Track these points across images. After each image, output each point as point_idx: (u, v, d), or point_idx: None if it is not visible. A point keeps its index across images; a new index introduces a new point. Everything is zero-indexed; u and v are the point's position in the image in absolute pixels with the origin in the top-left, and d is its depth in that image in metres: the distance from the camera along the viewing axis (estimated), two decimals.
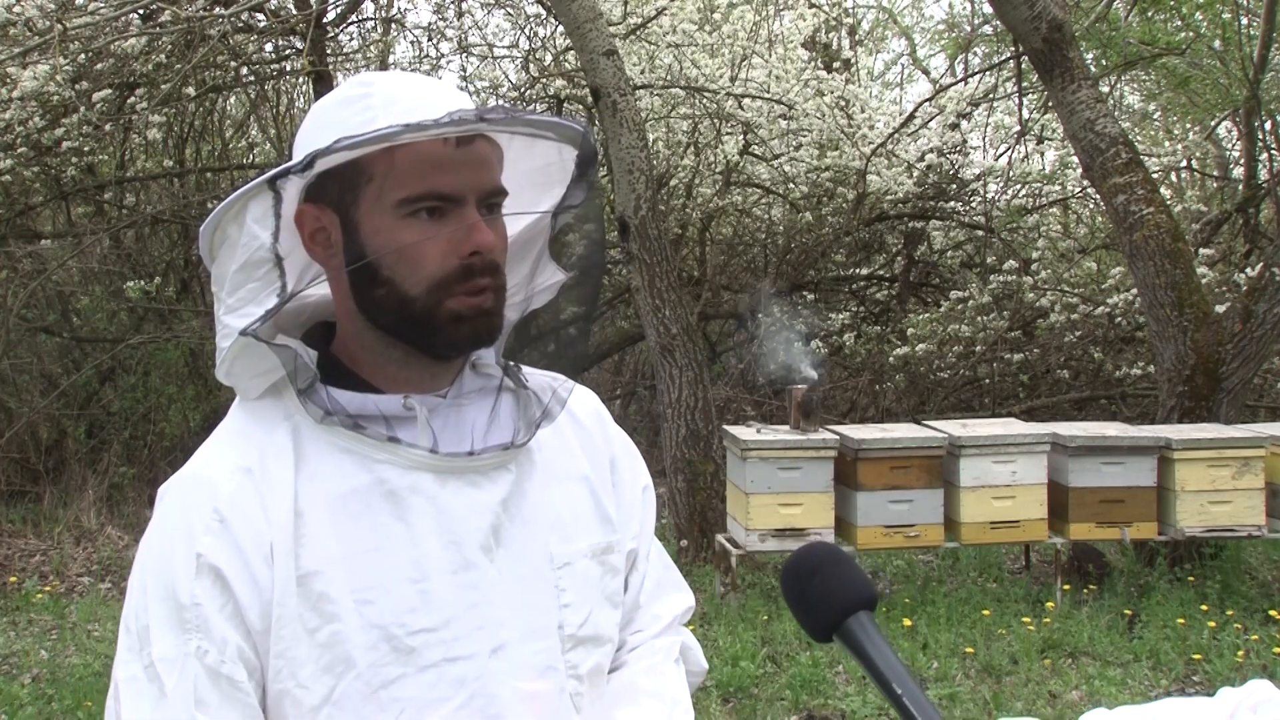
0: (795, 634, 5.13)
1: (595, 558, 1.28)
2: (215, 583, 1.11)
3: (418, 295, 1.16)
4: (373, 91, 1.18)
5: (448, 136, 1.14)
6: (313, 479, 1.16)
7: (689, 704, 1.35)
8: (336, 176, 1.16)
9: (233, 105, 10.98)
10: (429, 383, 1.23)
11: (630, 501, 1.36)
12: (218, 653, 1.11)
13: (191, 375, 9.16)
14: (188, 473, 1.19)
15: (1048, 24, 6.22)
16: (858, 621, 1.01)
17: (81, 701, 4.60)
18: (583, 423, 1.35)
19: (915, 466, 5.47)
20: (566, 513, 1.28)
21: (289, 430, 1.18)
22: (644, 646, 1.37)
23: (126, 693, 1.12)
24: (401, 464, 1.17)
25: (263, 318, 1.15)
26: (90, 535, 7.23)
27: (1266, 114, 9.44)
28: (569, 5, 6.59)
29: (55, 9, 6.81)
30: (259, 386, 1.22)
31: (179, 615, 1.11)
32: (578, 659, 1.24)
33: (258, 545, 1.12)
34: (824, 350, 9.49)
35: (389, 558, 1.15)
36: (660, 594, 1.41)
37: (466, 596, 1.17)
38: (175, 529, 1.16)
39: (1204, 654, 4.89)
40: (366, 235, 1.16)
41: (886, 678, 0.98)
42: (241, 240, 1.15)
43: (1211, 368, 6.11)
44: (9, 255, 8.14)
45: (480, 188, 1.17)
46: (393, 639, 1.13)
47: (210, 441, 1.23)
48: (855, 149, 9.62)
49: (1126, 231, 6.27)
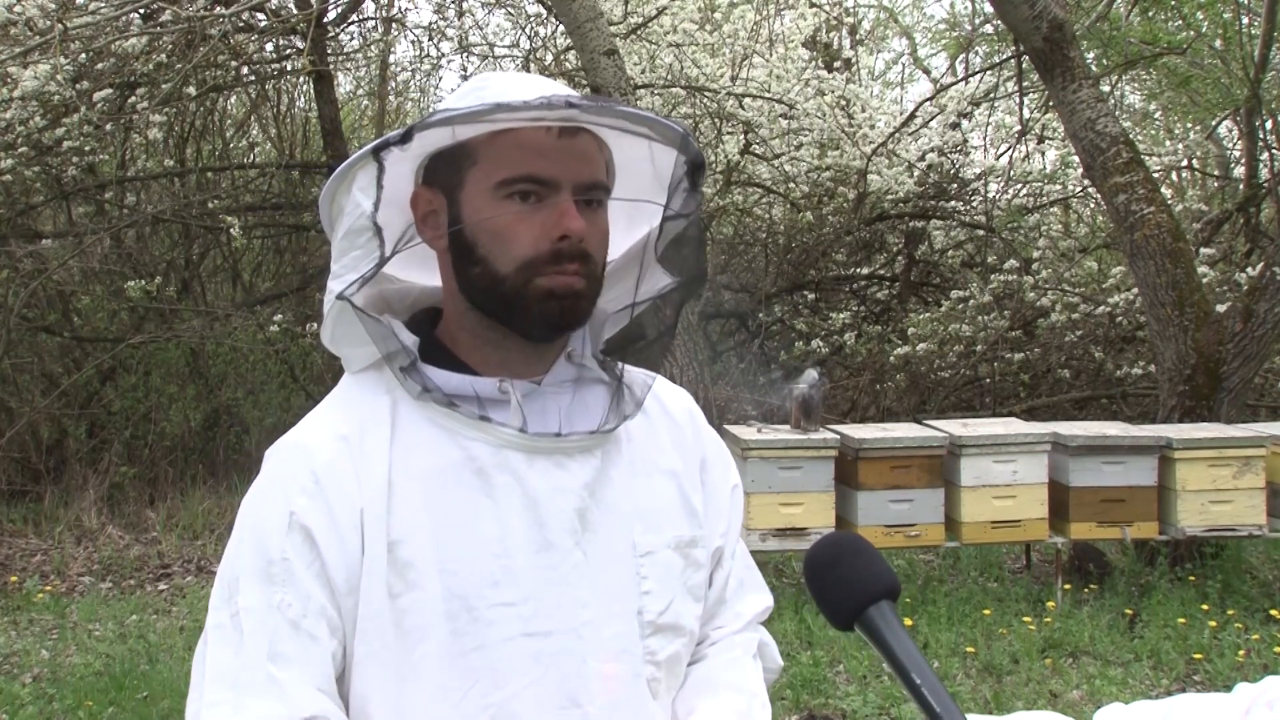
0: (796, 634, 5.13)
1: (678, 550, 1.31)
2: (305, 541, 1.16)
3: (508, 274, 1.20)
4: (489, 84, 1.24)
5: (541, 121, 1.19)
6: (407, 451, 1.21)
7: (766, 698, 1.38)
8: (447, 159, 1.23)
9: (233, 105, 10.98)
10: (524, 368, 1.27)
11: (719, 500, 1.40)
12: (301, 607, 1.15)
13: (192, 375, 9.16)
14: (291, 438, 1.24)
15: (1049, 23, 6.22)
16: (879, 611, 1.02)
17: (82, 701, 4.60)
18: (676, 419, 1.39)
19: (916, 466, 5.47)
20: (652, 503, 1.31)
21: (389, 404, 1.23)
22: (724, 641, 1.40)
23: (214, 638, 1.17)
24: (492, 442, 1.22)
25: (359, 281, 1.20)
26: (91, 535, 7.23)
27: (1267, 113, 9.44)
28: (569, 5, 6.59)
29: (56, 9, 6.80)
30: (363, 358, 1.27)
31: (267, 569, 1.16)
32: (655, 645, 1.27)
33: (349, 510, 1.17)
34: (824, 350, 9.50)
35: (474, 532, 1.19)
36: (743, 593, 1.45)
37: (547, 575, 1.21)
38: (273, 489, 1.20)
39: (1205, 653, 4.89)
40: (466, 215, 1.22)
41: (907, 668, 0.99)
42: (348, 208, 1.21)
43: (1212, 367, 6.10)
44: (10, 255, 8.14)
45: (578, 177, 1.21)
46: (472, 610, 1.17)
47: (317, 409, 1.28)
48: (856, 148, 9.62)
49: (1127, 231, 6.27)
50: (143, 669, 4.96)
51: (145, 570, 6.67)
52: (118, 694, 4.69)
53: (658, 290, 1.33)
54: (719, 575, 1.40)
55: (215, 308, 9.29)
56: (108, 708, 4.58)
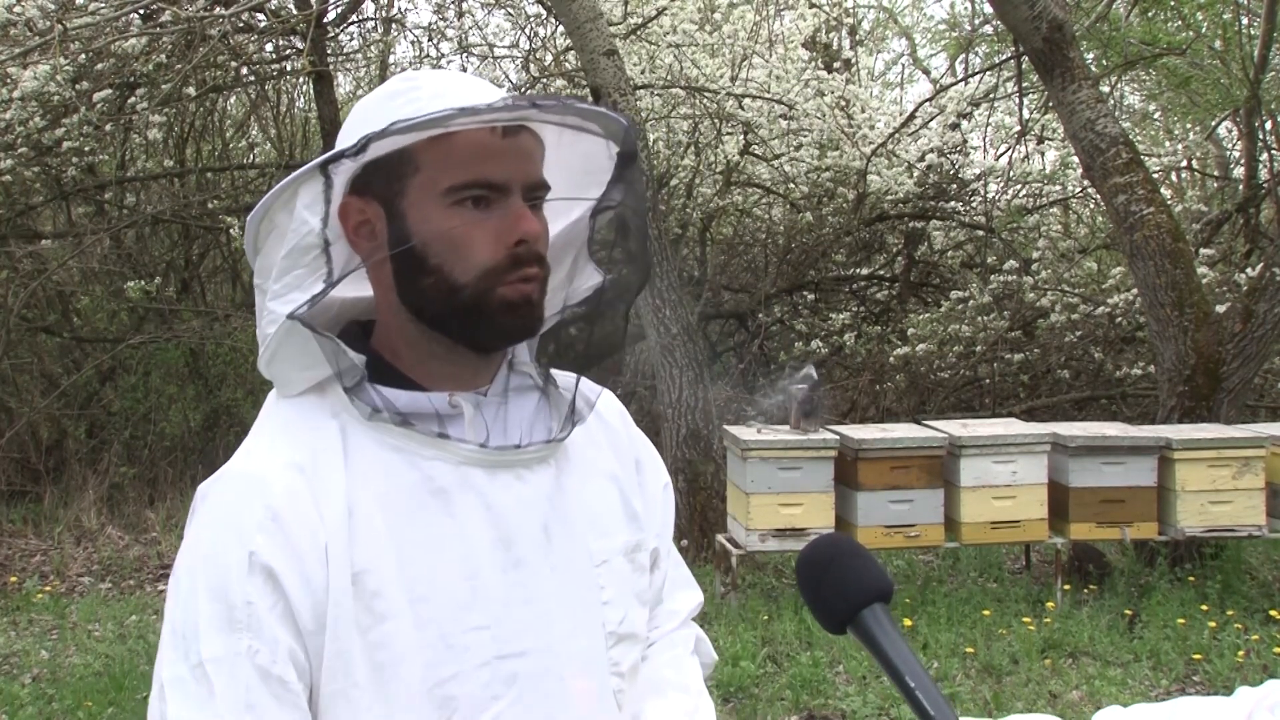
0: (795, 634, 5.13)
1: (627, 555, 1.29)
2: (267, 582, 1.09)
3: (467, 283, 1.16)
4: (420, 85, 1.19)
5: (497, 124, 1.15)
6: (362, 477, 1.15)
7: (708, 694, 1.37)
8: (382, 168, 1.16)
9: (233, 105, 10.99)
10: (471, 379, 1.23)
11: (653, 500, 1.38)
12: (269, 653, 1.09)
13: (192, 375, 9.17)
14: (235, 470, 1.16)
15: (1048, 24, 6.22)
16: (872, 614, 1.01)
17: (81, 701, 4.60)
18: (609, 422, 1.36)
19: (915, 466, 5.47)
20: (601, 510, 1.28)
21: (337, 427, 1.17)
22: (664, 640, 1.39)
23: (173, 694, 1.10)
24: (450, 460, 1.17)
25: (309, 302, 1.13)
26: (90, 535, 7.23)
27: (1267, 114, 9.44)
28: (569, 5, 6.59)
29: (55, 9, 6.81)
30: (302, 381, 1.20)
31: (229, 615, 1.09)
32: (619, 655, 1.25)
33: (311, 544, 1.11)
34: (823, 350, 9.50)
35: (441, 555, 1.15)
36: (675, 590, 1.43)
37: (517, 593, 1.17)
38: (225, 527, 1.12)
39: (1204, 654, 4.89)
40: (414, 224, 1.16)
41: (900, 671, 0.98)
42: (291, 226, 1.14)
43: (1212, 368, 6.11)
44: (9, 255, 8.14)
45: (526, 179, 1.18)
46: (446, 636, 1.13)
47: (254, 438, 1.20)
48: (855, 149, 9.63)
49: (1127, 231, 6.27)
50: (142, 669, 4.95)
51: (145, 570, 6.67)
52: (117, 694, 4.69)
53: (590, 288, 1.29)
54: (656, 576, 1.38)
55: (215, 308, 9.30)
56: (107, 708, 4.58)
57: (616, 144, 1.26)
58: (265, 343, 1.18)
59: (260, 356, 1.20)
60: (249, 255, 1.20)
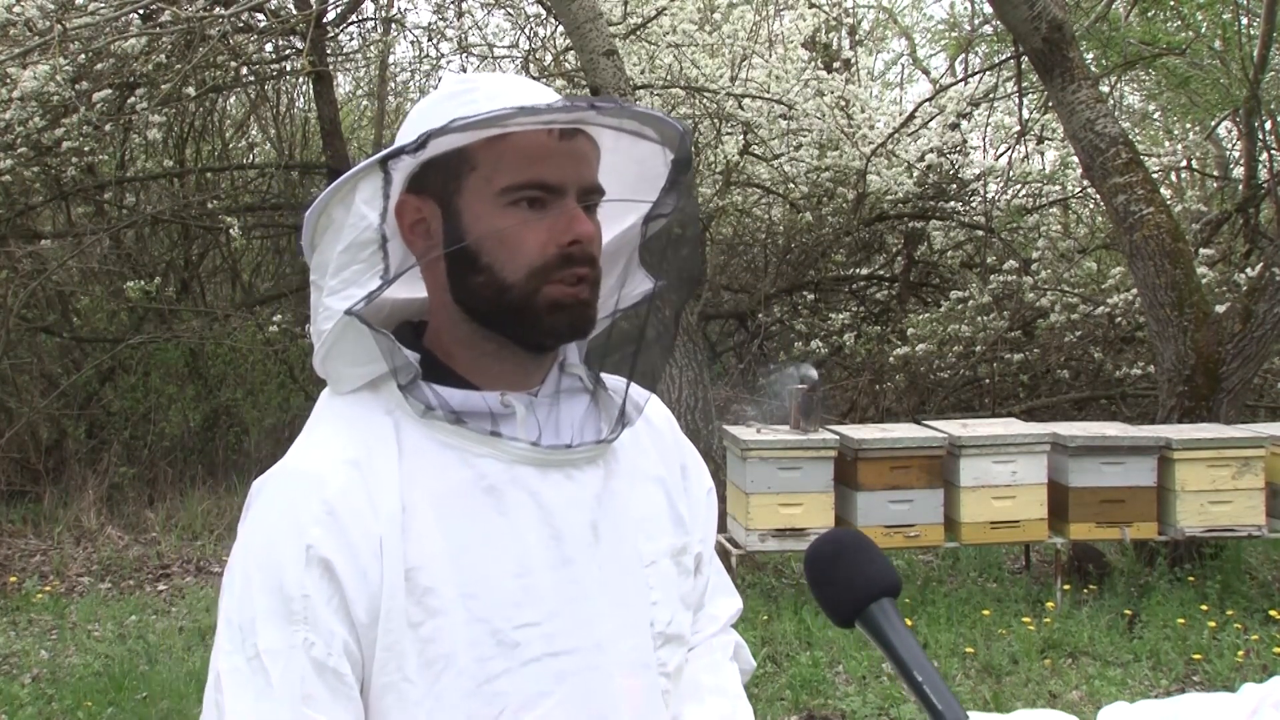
0: (795, 634, 5.13)
1: (673, 558, 1.30)
2: (324, 575, 1.11)
3: (516, 282, 1.17)
4: (478, 87, 1.20)
5: (554, 125, 1.16)
6: (415, 473, 1.16)
7: (746, 700, 1.38)
8: (439, 167, 1.17)
9: (233, 105, 10.99)
10: (523, 379, 1.24)
11: (698, 505, 1.39)
12: (325, 645, 1.10)
13: (191, 375, 9.16)
14: (290, 466, 1.18)
15: (1048, 24, 6.22)
16: (880, 608, 1.01)
17: (81, 701, 4.60)
18: (657, 426, 1.37)
19: (915, 466, 5.47)
20: (648, 512, 1.29)
21: (391, 424, 1.18)
22: (703, 645, 1.40)
23: (230, 683, 1.11)
24: (503, 458, 1.18)
25: (367, 298, 1.14)
26: (90, 535, 7.23)
27: (1266, 114, 9.44)
28: (569, 5, 6.59)
29: (55, 9, 6.81)
30: (357, 378, 1.21)
31: (286, 607, 1.10)
32: (666, 656, 1.26)
33: (367, 539, 1.12)
34: (823, 350, 9.50)
35: (492, 552, 1.16)
36: (716, 596, 1.44)
37: (567, 591, 1.18)
38: (281, 521, 1.14)
39: (1204, 654, 4.89)
40: (468, 222, 1.17)
41: (908, 665, 0.98)
42: (349, 221, 1.15)
43: (1211, 368, 6.11)
44: (9, 255, 8.14)
45: (581, 181, 1.19)
46: (497, 633, 1.14)
47: (309, 434, 1.22)
48: (855, 149, 9.62)
49: (1126, 231, 6.27)
50: (142, 669, 4.96)
51: (144, 571, 6.67)
52: (117, 694, 4.69)
53: (641, 294, 1.30)
54: (699, 580, 1.39)
55: (214, 308, 9.30)
56: (107, 708, 4.58)
57: (672, 150, 1.26)
58: (320, 339, 1.19)
59: (315, 353, 1.21)
60: (305, 252, 1.21)
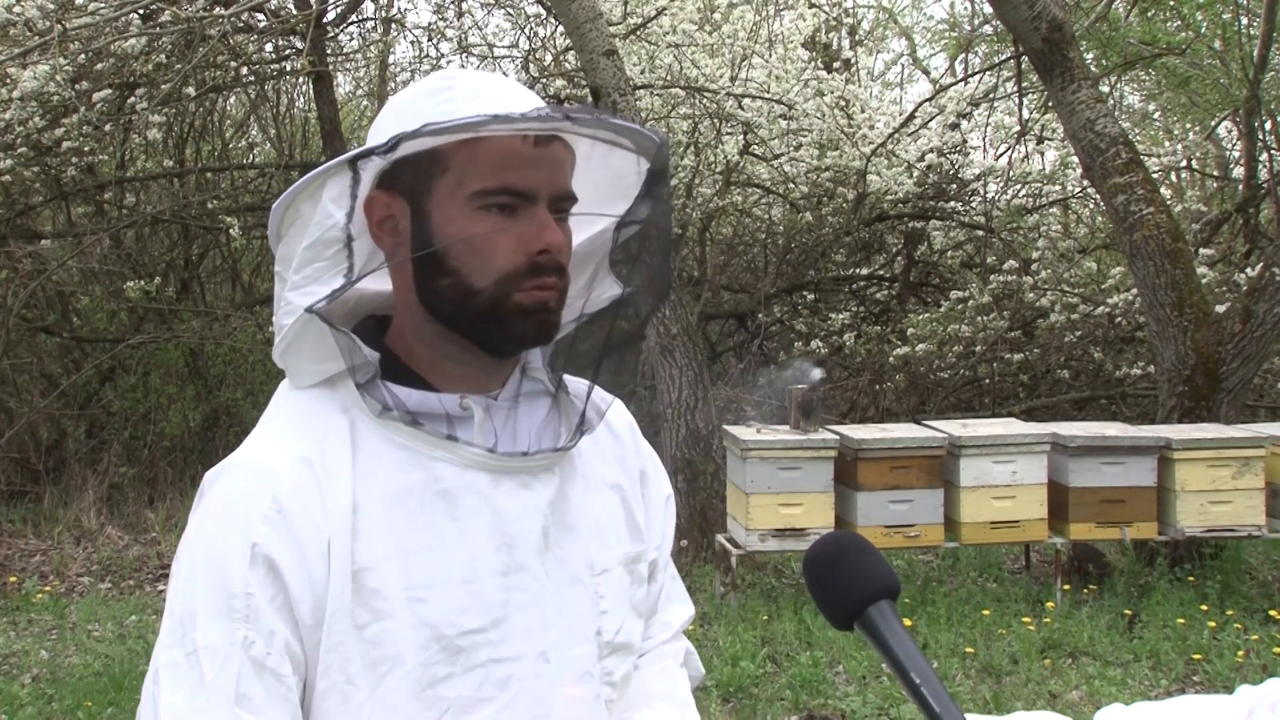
0: (795, 634, 5.13)
1: (626, 566, 1.29)
2: (269, 573, 1.10)
3: (483, 288, 1.16)
4: (456, 85, 1.19)
5: (528, 133, 1.15)
6: (368, 474, 1.15)
7: (695, 706, 1.38)
8: (411, 165, 1.16)
9: (233, 105, 10.99)
10: (483, 382, 1.23)
11: (656, 512, 1.38)
12: (264, 644, 1.09)
13: (191, 375, 9.17)
14: (243, 460, 1.17)
15: (1048, 24, 6.22)
16: (879, 610, 1.01)
17: (81, 701, 4.60)
18: (617, 433, 1.36)
19: (915, 466, 5.47)
20: (603, 520, 1.28)
21: (347, 423, 1.18)
22: (655, 651, 1.40)
23: (166, 678, 1.10)
24: (457, 462, 1.17)
25: (328, 297, 1.14)
26: (90, 535, 7.23)
27: (1266, 114, 9.43)
28: (569, 5, 6.59)
29: (55, 9, 6.81)
30: (315, 374, 1.20)
31: (228, 604, 1.09)
32: (612, 665, 1.25)
33: (315, 538, 1.11)
34: (823, 350, 9.50)
35: (442, 557, 1.15)
36: (669, 603, 1.43)
37: (515, 598, 1.17)
38: (230, 516, 1.13)
39: (1204, 654, 4.89)
40: (437, 225, 1.16)
41: (906, 668, 0.98)
42: (315, 218, 1.14)
43: (1211, 368, 6.11)
44: (9, 255, 8.14)
45: (553, 189, 1.18)
46: (442, 638, 1.14)
47: (264, 429, 1.21)
48: (855, 149, 9.63)
49: (1126, 231, 6.27)
50: (142, 669, 4.94)
51: (144, 570, 6.67)
52: (117, 694, 4.69)
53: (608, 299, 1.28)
54: (653, 588, 1.38)
55: (214, 308, 9.30)
56: (107, 708, 4.58)
57: (648, 160, 1.25)
58: (281, 333, 1.19)
59: (275, 345, 1.21)
60: (271, 242, 1.20)
